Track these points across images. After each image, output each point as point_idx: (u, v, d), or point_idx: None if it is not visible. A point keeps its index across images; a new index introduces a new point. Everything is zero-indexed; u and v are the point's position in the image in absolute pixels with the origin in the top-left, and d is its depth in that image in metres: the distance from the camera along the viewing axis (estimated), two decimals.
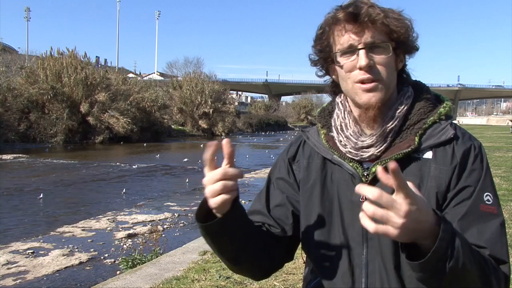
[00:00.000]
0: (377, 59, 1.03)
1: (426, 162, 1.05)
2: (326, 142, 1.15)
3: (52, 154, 21.55)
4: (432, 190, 1.03)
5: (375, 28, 1.02)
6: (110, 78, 33.45)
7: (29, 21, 76.10)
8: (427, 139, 1.06)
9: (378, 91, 1.04)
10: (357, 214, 1.04)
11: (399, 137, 1.07)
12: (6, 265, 5.63)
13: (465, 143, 1.06)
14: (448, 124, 1.08)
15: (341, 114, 1.15)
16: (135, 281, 4.06)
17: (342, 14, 1.03)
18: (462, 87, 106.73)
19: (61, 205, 9.79)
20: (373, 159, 1.08)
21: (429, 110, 1.09)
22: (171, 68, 70.32)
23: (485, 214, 1.01)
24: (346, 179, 1.11)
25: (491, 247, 0.99)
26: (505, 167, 12.41)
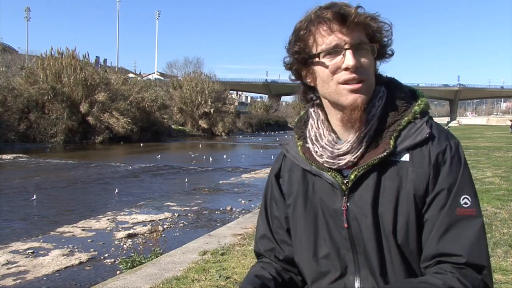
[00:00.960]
0: (362, 60, 1.02)
1: (404, 165, 1.03)
2: (303, 154, 1.14)
3: (52, 154, 21.55)
4: (410, 194, 1.01)
5: (360, 30, 1.02)
6: (109, 78, 33.44)
7: (29, 21, 76.00)
8: (403, 141, 1.03)
9: (363, 92, 1.03)
10: (341, 222, 1.06)
11: (374, 142, 1.05)
12: (6, 265, 5.63)
13: (441, 143, 1.03)
14: (424, 123, 1.04)
15: (315, 124, 1.14)
16: (135, 281, 4.06)
17: (329, 14, 1.01)
18: (462, 87, 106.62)
19: (60, 205, 9.80)
20: (350, 166, 1.06)
21: (404, 110, 1.06)
22: (171, 68, 70.38)
23: (462, 218, 0.99)
24: (327, 189, 1.09)
25: (467, 254, 0.96)
26: (505, 167, 12.41)
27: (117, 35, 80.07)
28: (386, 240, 1.02)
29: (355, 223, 1.05)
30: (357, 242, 1.05)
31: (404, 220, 1.01)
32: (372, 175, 1.04)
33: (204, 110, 44.26)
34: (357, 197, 1.05)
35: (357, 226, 1.05)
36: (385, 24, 1.06)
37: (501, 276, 3.77)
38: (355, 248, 1.06)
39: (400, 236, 1.01)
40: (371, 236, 1.03)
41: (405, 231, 1.01)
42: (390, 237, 1.02)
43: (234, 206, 9.36)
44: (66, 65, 30.21)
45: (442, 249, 0.98)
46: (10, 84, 27.11)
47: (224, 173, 15.64)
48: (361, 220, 1.04)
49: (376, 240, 1.03)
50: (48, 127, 27.52)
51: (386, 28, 1.06)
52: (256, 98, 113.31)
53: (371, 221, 1.03)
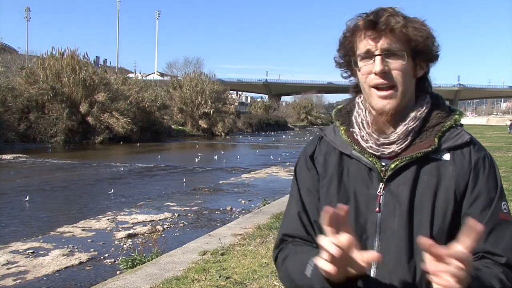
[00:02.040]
0: (392, 66, 1.08)
1: (445, 163, 1.11)
2: (347, 137, 1.18)
3: (52, 154, 21.56)
4: (450, 190, 1.08)
5: (392, 36, 1.07)
6: (109, 78, 33.42)
7: (29, 21, 76.06)
8: (445, 141, 1.12)
9: (393, 98, 1.09)
10: (372, 207, 1.11)
11: (419, 137, 1.12)
12: (6, 265, 5.63)
13: (480, 150, 1.13)
14: (463, 130, 1.14)
15: (362, 112, 1.19)
16: (135, 281, 4.06)
17: (361, 22, 1.09)
18: (462, 87, 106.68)
19: (60, 205, 9.80)
20: (392, 156, 1.12)
21: (446, 116, 1.15)
22: (171, 68, 70.36)
23: (503, 222, 1.08)
24: (363, 174, 1.14)
25: (507, 255, 1.05)
26: (505, 167, 12.43)
27: (117, 35, 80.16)
28: (418, 230, 1.07)
29: (386, 210, 1.10)
30: (383, 228, 1.10)
31: (441, 213, 1.08)
32: (412, 168, 1.10)
33: (204, 110, 44.24)
34: (393, 186, 1.10)
35: (388, 213, 1.10)
36: (422, 29, 1.09)
37: None
38: (379, 234, 1.10)
39: (436, 227, 1.07)
40: (403, 224, 1.08)
41: (441, 224, 1.08)
42: (424, 227, 1.07)
43: (234, 206, 9.37)
44: (66, 65, 30.20)
45: (486, 247, 1.06)
46: (10, 84, 27.10)
47: (224, 173, 15.65)
48: (394, 208, 1.09)
49: (408, 229, 1.08)
50: (48, 127, 27.51)
51: (423, 33, 1.09)
52: (256, 98, 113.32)
53: (406, 210, 1.08)
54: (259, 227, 6.10)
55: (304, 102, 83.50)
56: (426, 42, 1.10)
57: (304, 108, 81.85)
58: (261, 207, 8.45)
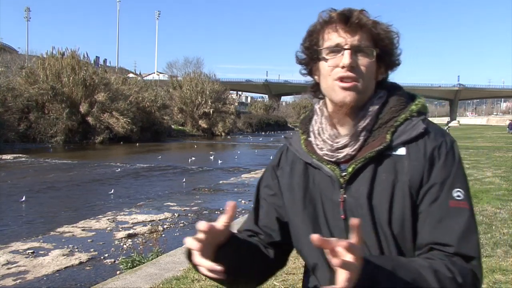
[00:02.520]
0: (359, 61, 1.08)
1: (400, 158, 1.08)
2: (305, 147, 1.20)
3: (52, 154, 21.56)
4: (406, 186, 1.05)
5: (363, 33, 1.08)
6: (109, 78, 33.42)
7: (29, 21, 76.01)
8: (399, 136, 1.09)
9: (354, 91, 1.09)
10: (337, 214, 1.12)
11: (371, 136, 1.11)
12: (6, 265, 5.63)
13: (437, 139, 1.08)
14: (420, 120, 1.10)
15: (319, 119, 1.20)
16: (135, 281, 4.06)
17: (335, 14, 1.10)
18: (462, 87, 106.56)
19: (60, 205, 9.79)
20: (348, 159, 1.11)
21: (401, 109, 1.12)
22: (171, 68, 70.42)
23: (455, 209, 1.04)
24: (326, 181, 1.14)
25: (457, 244, 1.01)
26: (505, 167, 12.42)
27: (117, 35, 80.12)
28: (381, 231, 1.06)
29: (351, 215, 1.08)
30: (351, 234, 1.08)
31: (400, 211, 1.05)
32: (369, 168, 1.09)
33: (204, 110, 44.26)
34: (354, 189, 1.10)
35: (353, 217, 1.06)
36: (390, 32, 1.11)
37: (501, 276, 3.77)
38: None
39: (395, 226, 1.06)
40: (368, 227, 1.06)
41: (401, 222, 1.05)
42: (386, 228, 1.06)
43: None
44: (66, 64, 30.20)
45: (434, 238, 1.03)
46: (10, 84, 27.10)
47: (224, 173, 15.65)
48: (357, 211, 1.08)
49: (373, 230, 1.07)
50: (48, 127, 27.52)
51: (391, 35, 1.11)
52: (256, 98, 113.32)
53: (367, 212, 1.07)
54: None
55: (304, 102, 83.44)
56: (392, 45, 1.12)
57: (304, 108, 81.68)
58: None
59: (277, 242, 1.24)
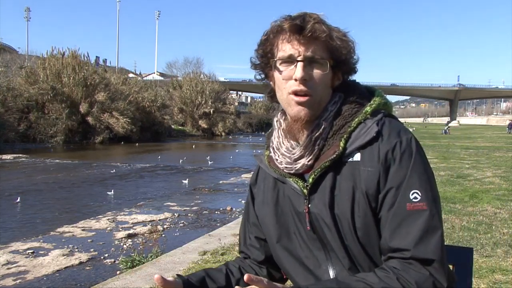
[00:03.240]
0: (313, 74, 1.06)
1: (356, 164, 1.05)
2: (268, 163, 1.19)
3: (52, 154, 21.56)
4: (363, 192, 1.03)
5: (317, 44, 1.05)
6: (109, 78, 33.43)
7: (29, 21, 76.12)
8: (353, 142, 1.06)
9: (308, 105, 1.07)
10: (305, 224, 1.11)
11: (327, 145, 1.08)
12: (6, 265, 5.63)
13: (390, 141, 1.03)
14: (375, 122, 1.05)
15: (276, 133, 1.19)
16: (135, 281, 4.06)
17: (288, 25, 1.05)
18: (462, 87, 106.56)
19: (60, 205, 9.79)
20: (307, 169, 1.10)
21: (355, 112, 1.09)
22: (171, 68, 70.41)
23: (412, 213, 0.99)
24: (293, 194, 1.14)
25: (413, 248, 0.96)
26: (505, 167, 12.41)
27: (117, 35, 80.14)
28: (347, 239, 1.05)
29: (318, 224, 1.08)
30: (325, 241, 1.09)
31: (362, 218, 1.03)
32: (328, 177, 1.07)
33: (204, 110, 44.27)
34: (316, 199, 1.08)
35: (320, 227, 1.08)
36: (346, 41, 1.08)
37: (501, 276, 3.77)
38: (325, 247, 1.09)
39: (360, 234, 1.04)
40: (334, 235, 1.06)
41: (365, 229, 1.04)
42: (351, 236, 1.04)
43: (234, 206, 9.36)
44: (67, 64, 30.21)
45: (392, 244, 0.99)
46: (10, 84, 27.10)
47: (224, 173, 15.65)
48: (321, 221, 1.07)
49: (339, 239, 1.06)
50: (48, 127, 27.53)
51: (347, 45, 1.08)
52: (256, 98, 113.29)
53: (331, 222, 1.05)
54: None
55: None
56: (348, 54, 1.09)
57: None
58: None
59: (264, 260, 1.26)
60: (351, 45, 1.09)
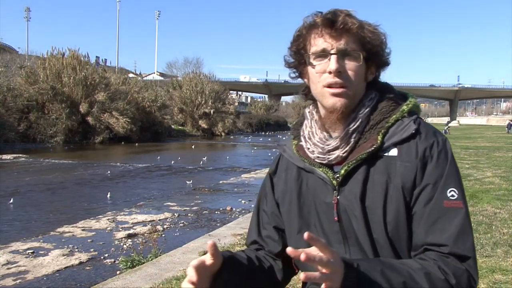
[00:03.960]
0: (347, 66, 1.08)
1: (392, 159, 1.07)
2: (296, 152, 1.20)
3: (52, 154, 21.55)
4: (399, 186, 1.05)
5: (349, 37, 1.07)
6: (109, 78, 33.42)
7: (29, 21, 76.15)
8: (390, 137, 1.09)
9: (344, 96, 1.08)
10: (331, 216, 1.12)
11: (363, 138, 1.11)
12: (6, 265, 5.62)
13: (428, 139, 1.08)
14: (412, 121, 1.09)
15: (309, 123, 1.21)
16: (135, 281, 4.06)
17: (320, 19, 1.08)
18: (462, 87, 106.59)
19: (60, 205, 9.79)
20: (340, 161, 1.11)
21: (392, 109, 1.12)
22: (171, 68, 70.42)
23: (449, 210, 1.03)
24: (320, 184, 1.14)
25: (452, 244, 1.00)
26: (505, 167, 12.42)
27: (117, 35, 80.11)
28: (375, 232, 1.07)
29: (346, 216, 1.09)
30: (348, 235, 1.10)
31: (394, 212, 1.05)
32: (361, 170, 1.09)
33: (204, 110, 44.26)
34: (347, 191, 1.09)
35: (347, 219, 1.09)
36: (378, 33, 1.10)
37: (501, 276, 3.77)
38: (346, 241, 1.10)
39: (390, 228, 1.05)
40: (362, 228, 1.07)
41: (395, 223, 1.05)
42: (380, 229, 1.06)
43: (234, 206, 9.36)
44: (67, 64, 30.21)
45: (429, 239, 1.02)
46: (10, 84, 27.10)
47: (224, 173, 15.65)
48: (350, 213, 1.08)
49: (367, 232, 1.07)
50: (48, 127, 27.52)
51: (378, 37, 1.10)
52: (256, 98, 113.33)
53: (360, 214, 1.07)
54: None
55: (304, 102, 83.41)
56: (380, 46, 1.10)
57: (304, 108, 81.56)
58: None
59: (281, 252, 1.24)
60: (383, 38, 1.11)
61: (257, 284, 1.18)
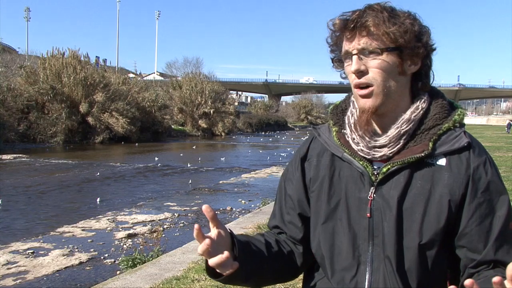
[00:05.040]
0: (370, 64, 1.04)
1: (440, 169, 1.06)
2: (337, 140, 1.16)
3: (52, 154, 21.55)
4: (444, 198, 1.04)
5: (368, 34, 1.03)
6: (109, 77, 33.42)
7: (29, 21, 76.08)
8: (441, 145, 1.07)
9: (372, 96, 1.06)
10: (364, 211, 1.09)
11: (413, 141, 1.08)
12: (6, 265, 5.63)
13: (480, 155, 1.07)
14: (462, 132, 1.08)
15: (356, 112, 1.15)
16: (135, 281, 4.06)
17: (338, 22, 1.07)
18: (462, 87, 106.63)
19: (60, 205, 9.79)
20: (384, 159, 1.09)
21: (444, 117, 1.10)
22: (171, 68, 70.20)
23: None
24: (355, 177, 1.12)
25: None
26: (505, 167, 12.42)
27: (117, 35, 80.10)
28: (407, 237, 1.05)
29: (378, 215, 1.07)
30: (375, 233, 1.07)
31: (433, 221, 1.04)
32: (404, 172, 1.06)
33: (204, 110, 44.24)
34: (385, 190, 1.07)
35: (379, 218, 1.07)
36: (400, 24, 1.03)
37: None
38: (372, 240, 1.08)
39: (425, 236, 1.04)
40: (393, 229, 1.05)
41: (433, 232, 1.04)
42: (413, 235, 1.04)
43: (234, 206, 9.37)
44: (67, 64, 30.20)
45: (499, 258, 1.03)
46: (10, 84, 27.10)
47: (224, 173, 15.65)
48: (385, 212, 1.06)
49: (397, 234, 1.05)
50: (48, 127, 27.51)
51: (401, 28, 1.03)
52: (256, 98, 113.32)
53: (395, 216, 1.05)
54: (259, 227, 6.10)
55: (304, 102, 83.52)
56: (404, 37, 1.03)
57: (304, 108, 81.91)
58: (261, 207, 8.44)
59: (302, 238, 1.21)
60: (407, 25, 1.04)
61: (275, 267, 1.17)
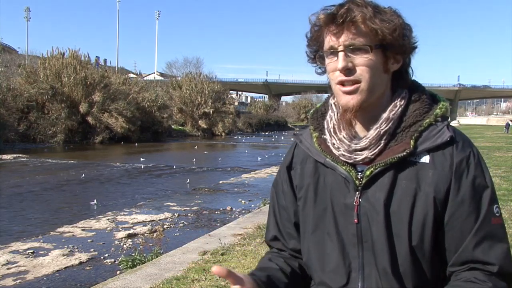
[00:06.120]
0: (357, 61, 1.00)
1: (424, 166, 1.02)
2: (318, 146, 1.12)
3: (52, 154, 21.56)
4: (430, 197, 1.01)
5: (355, 30, 0.99)
6: (109, 77, 33.43)
7: (29, 21, 75.94)
8: (423, 142, 1.03)
9: (357, 93, 1.02)
10: (351, 217, 1.06)
11: (394, 140, 1.04)
12: (6, 265, 5.63)
13: (464, 149, 1.04)
14: (445, 126, 1.04)
15: (334, 116, 1.12)
16: (135, 281, 4.06)
17: (322, 17, 1.02)
18: (462, 87, 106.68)
19: (60, 205, 9.79)
20: (367, 162, 1.05)
21: (425, 112, 1.05)
22: (171, 68, 70.35)
23: (496, 227, 1.01)
24: (339, 183, 1.08)
25: (500, 263, 0.99)
26: (505, 167, 12.41)
27: (117, 35, 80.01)
28: (397, 239, 1.02)
29: (365, 219, 1.04)
30: (364, 239, 1.05)
31: (421, 222, 1.01)
32: (388, 174, 1.03)
33: (204, 110, 44.26)
34: (370, 194, 1.04)
35: (367, 223, 1.04)
36: (387, 20, 1.00)
37: None
38: (361, 245, 1.05)
39: (415, 237, 1.01)
40: (382, 233, 1.02)
41: (421, 232, 1.01)
42: (403, 237, 1.01)
43: (234, 206, 9.37)
44: (68, 64, 30.21)
45: (477, 256, 1.00)
46: (10, 84, 27.10)
47: (224, 173, 15.65)
48: (372, 216, 1.03)
49: (387, 238, 1.02)
50: (48, 127, 27.53)
51: (389, 24, 1.00)
52: (256, 98, 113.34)
53: (383, 219, 1.02)
54: (259, 227, 6.09)
55: (304, 102, 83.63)
56: (393, 35, 0.99)
57: (304, 108, 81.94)
58: (261, 207, 8.44)
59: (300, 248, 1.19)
60: (396, 23, 1.00)
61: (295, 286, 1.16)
